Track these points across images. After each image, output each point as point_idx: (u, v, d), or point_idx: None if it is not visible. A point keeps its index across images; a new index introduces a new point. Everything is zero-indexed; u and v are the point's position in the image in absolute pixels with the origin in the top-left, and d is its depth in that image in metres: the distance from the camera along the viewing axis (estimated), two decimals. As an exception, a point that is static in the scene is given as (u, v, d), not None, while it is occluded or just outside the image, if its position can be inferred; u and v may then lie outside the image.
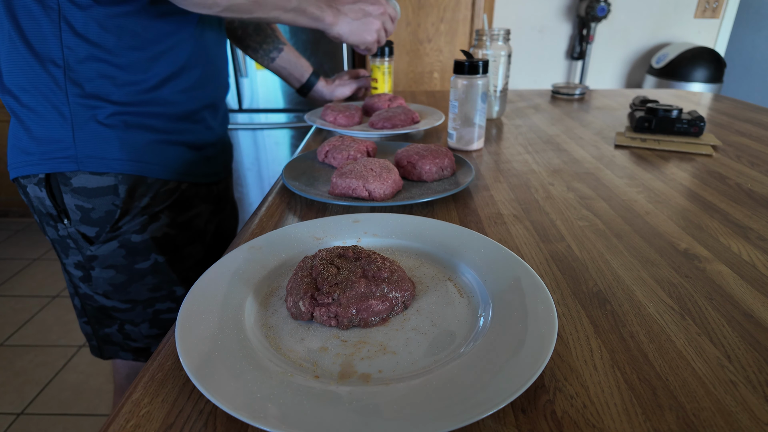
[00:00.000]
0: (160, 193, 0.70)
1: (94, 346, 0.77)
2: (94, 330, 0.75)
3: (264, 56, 0.98)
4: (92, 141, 0.63)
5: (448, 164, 0.63)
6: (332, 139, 0.71)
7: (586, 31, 2.25)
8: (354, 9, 0.80)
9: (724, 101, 1.19)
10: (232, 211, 0.91)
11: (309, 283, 0.36)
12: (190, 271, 0.76)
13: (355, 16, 0.80)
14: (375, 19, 0.82)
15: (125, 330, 0.74)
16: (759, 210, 0.56)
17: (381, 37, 0.86)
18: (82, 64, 0.61)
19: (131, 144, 0.65)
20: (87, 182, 0.64)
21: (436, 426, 0.25)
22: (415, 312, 0.36)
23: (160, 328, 0.75)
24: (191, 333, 0.32)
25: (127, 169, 0.65)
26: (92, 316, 0.74)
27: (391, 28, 0.87)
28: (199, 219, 0.77)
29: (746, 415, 0.28)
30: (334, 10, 0.78)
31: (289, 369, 0.30)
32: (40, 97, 0.61)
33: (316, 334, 0.34)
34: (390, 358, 0.32)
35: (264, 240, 0.45)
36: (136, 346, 0.76)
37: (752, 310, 0.37)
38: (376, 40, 0.85)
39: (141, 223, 0.68)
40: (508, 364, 0.29)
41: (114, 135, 0.64)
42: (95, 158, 0.64)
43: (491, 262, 0.41)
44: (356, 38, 0.82)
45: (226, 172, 0.86)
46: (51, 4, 0.58)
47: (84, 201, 0.65)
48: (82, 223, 0.66)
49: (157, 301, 0.73)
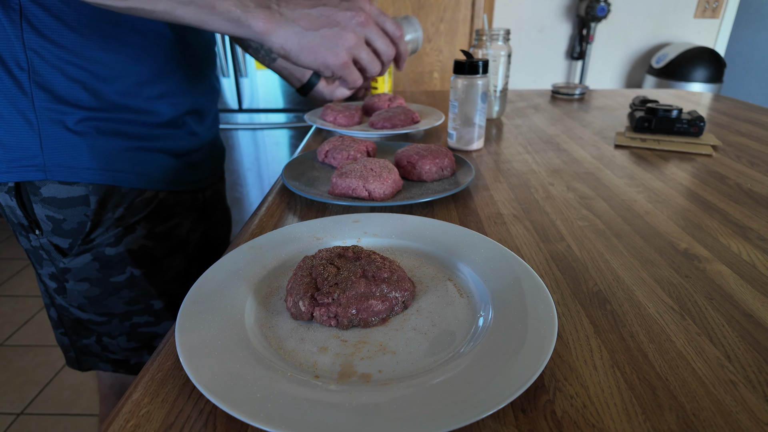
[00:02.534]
0: (136, 204, 0.65)
1: (72, 358, 0.73)
2: (72, 341, 0.72)
3: (266, 56, 0.98)
4: (61, 149, 0.59)
5: (448, 164, 0.63)
6: (332, 139, 0.71)
7: (586, 31, 2.25)
8: (310, 15, 0.51)
9: (724, 101, 1.19)
10: (222, 218, 0.88)
11: (309, 283, 0.36)
12: (170, 283, 0.71)
13: (309, 24, 0.51)
14: (347, 32, 0.52)
15: (103, 342, 0.71)
16: (759, 210, 0.56)
17: (363, 60, 0.54)
18: (48, 68, 0.57)
19: (103, 152, 0.61)
20: (57, 192, 0.61)
21: (436, 426, 0.25)
22: (415, 312, 0.36)
23: (138, 342, 0.72)
24: (191, 333, 0.32)
25: (97, 178, 0.61)
26: (69, 327, 0.70)
27: (385, 49, 0.55)
28: (181, 228, 0.72)
29: (746, 415, 0.28)
30: (270, 11, 0.50)
31: (289, 369, 0.30)
32: (5, 102, 0.57)
33: (316, 334, 0.34)
34: (390, 358, 0.32)
35: (264, 240, 0.45)
36: (114, 358, 0.72)
37: (752, 310, 0.37)
38: (347, 63, 0.53)
39: (115, 236, 0.65)
40: (508, 364, 0.29)
41: (84, 143, 0.60)
42: (64, 167, 0.60)
43: (491, 262, 0.41)
44: (310, 58, 0.52)
45: (215, 178, 0.82)
46: (12, 4, 0.54)
47: (54, 212, 0.61)
48: (54, 234, 0.63)
49: (134, 315, 0.70)
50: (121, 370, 0.73)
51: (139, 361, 0.73)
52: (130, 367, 0.73)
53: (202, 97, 0.74)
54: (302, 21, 0.51)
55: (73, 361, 0.74)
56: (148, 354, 0.73)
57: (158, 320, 0.71)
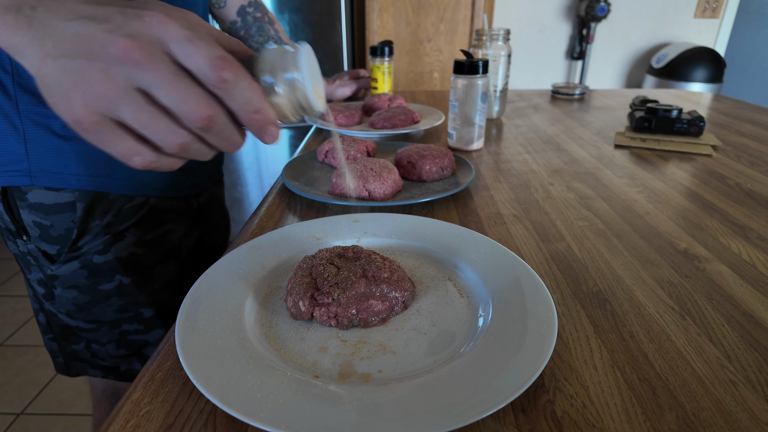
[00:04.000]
0: (125, 210, 0.64)
1: (60, 363, 0.72)
2: (61, 347, 0.70)
3: None
4: (46, 154, 0.58)
5: (448, 164, 0.63)
6: (332, 139, 0.71)
7: (586, 31, 2.25)
8: (64, 31, 0.26)
9: (724, 101, 1.19)
10: (220, 222, 0.85)
11: (309, 283, 0.36)
12: (162, 291, 0.70)
13: (55, 46, 0.26)
14: (94, 71, 0.26)
15: (92, 348, 0.70)
16: (759, 210, 0.56)
17: (130, 121, 0.28)
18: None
19: (90, 157, 0.59)
20: (44, 198, 0.59)
21: (436, 425, 0.25)
22: (415, 312, 0.36)
23: (127, 349, 0.70)
24: (191, 333, 0.32)
25: (84, 184, 0.60)
26: (58, 332, 0.69)
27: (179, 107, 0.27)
28: (173, 235, 0.70)
29: (746, 415, 0.28)
30: (17, 15, 0.27)
31: (289, 369, 0.30)
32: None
33: (316, 334, 0.34)
34: (390, 358, 0.32)
35: (264, 240, 0.45)
36: (104, 365, 0.71)
37: (752, 310, 0.37)
38: (88, 123, 0.27)
39: (103, 243, 0.63)
40: (508, 364, 0.29)
41: (70, 147, 0.58)
42: (50, 173, 0.58)
43: (491, 262, 0.41)
44: (49, 101, 0.28)
45: (211, 183, 0.80)
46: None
47: (41, 218, 0.60)
48: (41, 240, 0.62)
49: (124, 323, 0.68)
50: (111, 376, 0.72)
51: (129, 368, 0.72)
52: (120, 374, 0.72)
53: None
54: (50, 39, 0.27)
55: (62, 366, 0.72)
56: (138, 361, 0.72)
57: (148, 328, 0.70)
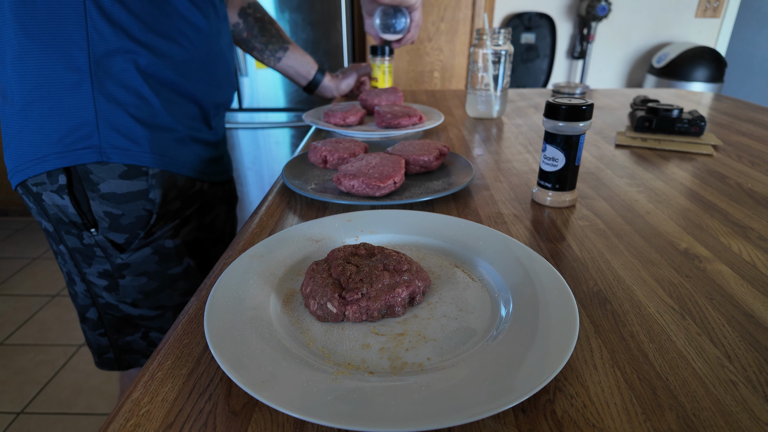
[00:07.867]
0: (189, 196, 0.68)
1: (110, 359, 0.72)
2: (112, 341, 0.71)
3: (270, 56, 0.98)
4: (117, 132, 0.60)
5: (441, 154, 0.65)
6: (331, 140, 0.71)
7: (587, 31, 2.25)
8: None
9: (725, 101, 1.19)
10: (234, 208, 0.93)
11: (333, 284, 0.36)
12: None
13: None
14: None
15: (149, 337, 0.71)
16: (759, 210, 0.55)
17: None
18: (108, 53, 0.57)
19: (158, 137, 0.63)
20: (116, 188, 0.61)
21: (515, 395, 0.26)
22: (438, 300, 0.38)
23: None
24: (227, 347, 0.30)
25: (153, 163, 0.62)
26: (111, 326, 0.70)
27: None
28: (218, 220, 0.76)
29: (746, 415, 0.28)
30: None
31: (342, 369, 0.30)
32: (58, 86, 0.57)
33: (352, 333, 0.34)
34: (433, 345, 0.33)
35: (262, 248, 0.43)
36: None
37: (752, 310, 0.37)
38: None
39: (174, 227, 0.67)
40: (548, 341, 0.30)
41: (140, 126, 0.61)
42: (120, 150, 0.60)
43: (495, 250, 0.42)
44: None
45: (231, 170, 0.86)
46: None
47: (113, 207, 0.62)
48: (111, 230, 0.63)
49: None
50: None
51: None
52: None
53: (230, 91, 0.77)
54: None
55: (111, 361, 0.73)
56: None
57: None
